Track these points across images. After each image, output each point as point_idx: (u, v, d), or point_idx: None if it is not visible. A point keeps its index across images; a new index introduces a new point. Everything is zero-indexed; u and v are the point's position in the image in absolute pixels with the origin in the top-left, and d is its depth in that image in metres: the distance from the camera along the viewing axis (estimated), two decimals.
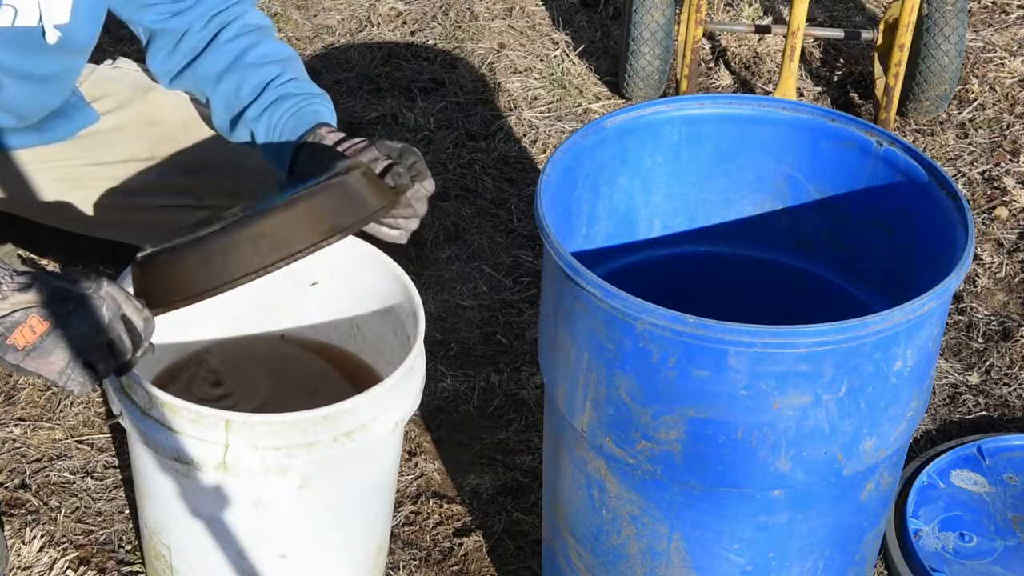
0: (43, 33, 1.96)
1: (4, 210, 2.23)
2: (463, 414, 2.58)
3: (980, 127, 3.43)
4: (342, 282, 2.14)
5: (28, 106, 2.09)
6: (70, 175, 2.19)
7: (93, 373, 1.68)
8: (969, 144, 3.36)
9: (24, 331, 1.63)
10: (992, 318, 2.84)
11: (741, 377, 1.58)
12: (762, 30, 3.49)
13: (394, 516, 2.31)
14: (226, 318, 2.17)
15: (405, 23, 3.82)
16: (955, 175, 3.25)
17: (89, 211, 2.21)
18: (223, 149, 2.20)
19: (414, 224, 1.94)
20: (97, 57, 2.28)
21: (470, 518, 2.37)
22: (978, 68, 3.64)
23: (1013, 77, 3.60)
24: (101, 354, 1.67)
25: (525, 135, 3.37)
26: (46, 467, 2.42)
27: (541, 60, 3.66)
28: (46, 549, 2.26)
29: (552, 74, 3.59)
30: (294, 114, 2.03)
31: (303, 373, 2.20)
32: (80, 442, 2.47)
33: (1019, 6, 3.94)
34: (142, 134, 2.20)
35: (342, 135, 1.99)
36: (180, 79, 2.15)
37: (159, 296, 1.76)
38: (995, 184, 3.23)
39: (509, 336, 2.76)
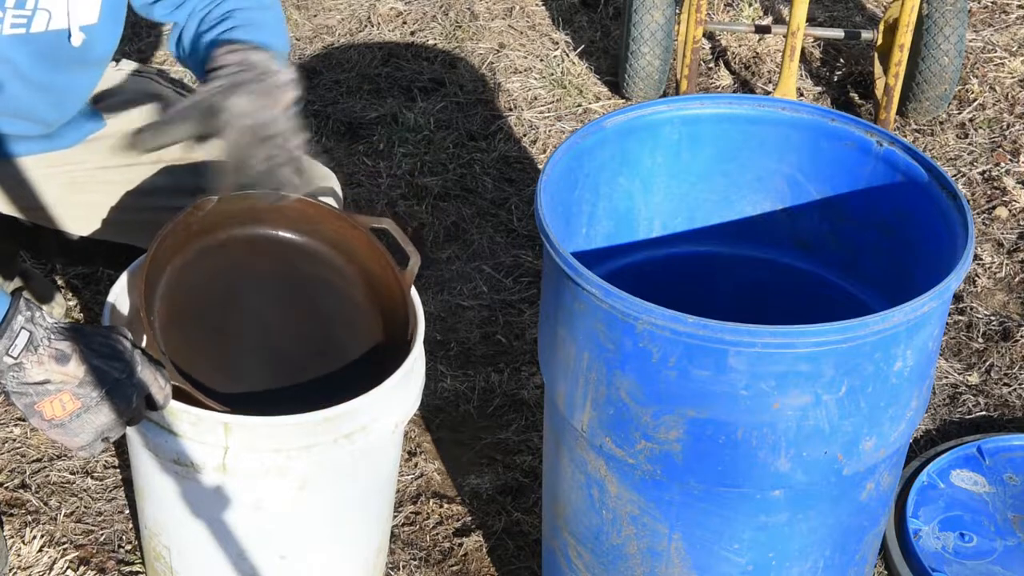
0: (69, 36, 1.96)
1: (10, 214, 2.22)
2: (463, 414, 2.58)
3: (980, 127, 3.43)
4: None
5: (49, 114, 2.09)
6: (78, 179, 2.19)
7: (106, 442, 1.77)
8: (969, 144, 3.36)
9: (54, 404, 1.70)
10: (992, 318, 2.84)
11: (741, 377, 1.58)
12: (762, 30, 3.49)
13: (394, 516, 2.31)
14: None
15: (405, 23, 3.82)
16: (955, 175, 3.25)
17: (97, 214, 2.21)
18: None
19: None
20: None
21: (470, 518, 2.37)
22: (978, 68, 3.64)
23: (1013, 77, 3.60)
24: (119, 431, 1.76)
25: (525, 135, 3.37)
26: (46, 467, 2.42)
27: (541, 60, 3.66)
28: (46, 549, 2.26)
29: (552, 74, 3.59)
30: (222, 32, 1.98)
31: None
32: None
33: (1019, 6, 3.94)
34: None
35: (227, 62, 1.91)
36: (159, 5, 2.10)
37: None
38: (995, 184, 3.23)
39: (509, 336, 2.75)
